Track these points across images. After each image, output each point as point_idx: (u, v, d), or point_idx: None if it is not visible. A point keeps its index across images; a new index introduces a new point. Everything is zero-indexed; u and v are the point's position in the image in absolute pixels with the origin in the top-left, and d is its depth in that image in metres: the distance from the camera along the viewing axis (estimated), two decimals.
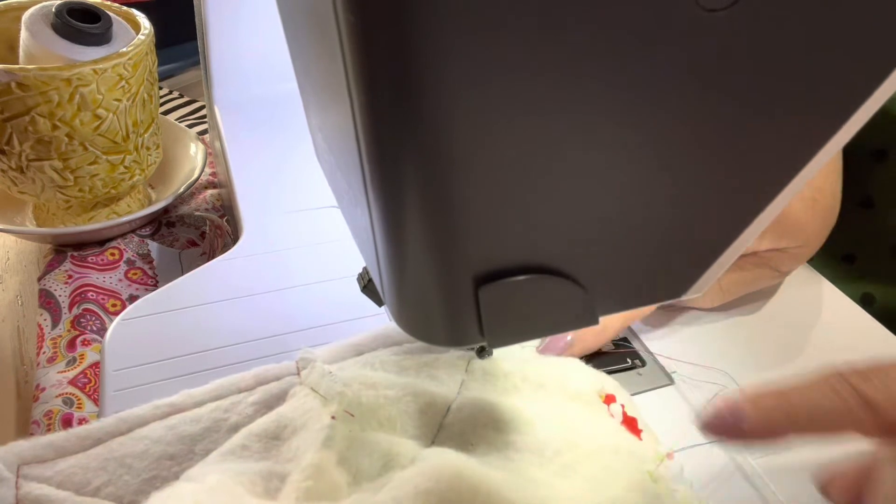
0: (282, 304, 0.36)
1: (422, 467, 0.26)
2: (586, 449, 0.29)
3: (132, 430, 0.28)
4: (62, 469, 0.26)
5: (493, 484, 0.25)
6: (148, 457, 0.27)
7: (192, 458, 0.27)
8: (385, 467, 0.27)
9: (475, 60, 0.14)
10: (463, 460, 0.26)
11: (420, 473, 0.25)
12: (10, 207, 0.53)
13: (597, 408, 0.31)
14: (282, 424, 0.28)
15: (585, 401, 0.31)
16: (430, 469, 0.25)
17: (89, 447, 0.27)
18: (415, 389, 0.29)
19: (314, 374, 0.29)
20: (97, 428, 0.27)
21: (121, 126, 0.47)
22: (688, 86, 0.16)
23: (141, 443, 0.27)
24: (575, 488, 0.27)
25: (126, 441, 0.27)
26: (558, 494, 0.26)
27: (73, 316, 0.44)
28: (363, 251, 0.23)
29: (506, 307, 0.19)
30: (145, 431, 0.28)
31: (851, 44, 0.16)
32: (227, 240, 0.51)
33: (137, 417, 0.28)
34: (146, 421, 0.28)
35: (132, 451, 0.27)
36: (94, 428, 0.27)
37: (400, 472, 0.26)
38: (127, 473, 0.27)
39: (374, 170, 0.16)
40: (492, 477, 0.26)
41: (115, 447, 0.27)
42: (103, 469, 0.26)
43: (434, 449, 0.28)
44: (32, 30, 0.44)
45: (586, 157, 0.16)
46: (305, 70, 0.23)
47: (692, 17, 0.15)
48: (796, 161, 0.18)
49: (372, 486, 0.26)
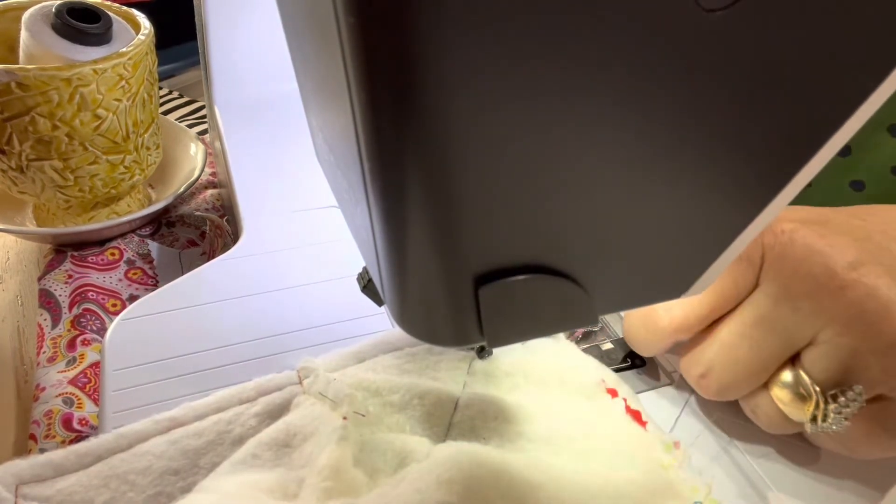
0: (281, 303, 0.36)
1: (440, 458, 0.25)
2: (597, 437, 0.29)
3: (132, 445, 0.27)
4: (62, 488, 0.26)
5: (515, 469, 0.25)
6: (151, 472, 0.27)
7: (197, 473, 0.27)
8: (401, 464, 0.27)
9: (475, 61, 0.14)
10: (480, 448, 0.26)
11: (439, 464, 0.25)
12: (10, 207, 0.53)
13: (601, 400, 0.31)
14: (291, 433, 0.28)
15: (589, 394, 0.31)
16: (448, 459, 0.25)
17: (89, 465, 0.26)
18: (420, 391, 0.29)
19: (319, 382, 0.29)
20: (96, 445, 0.27)
21: (121, 126, 0.47)
22: (687, 86, 0.16)
23: (143, 458, 0.27)
24: (592, 472, 0.27)
25: (128, 457, 0.27)
26: (577, 478, 0.26)
27: (73, 316, 0.44)
28: (363, 251, 0.23)
29: (506, 307, 0.19)
30: (147, 447, 0.27)
31: (851, 44, 0.16)
32: (227, 240, 0.51)
33: (137, 433, 0.28)
34: (147, 436, 0.28)
35: (135, 468, 0.27)
36: (93, 445, 0.27)
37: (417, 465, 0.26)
38: (130, 490, 0.26)
39: (374, 169, 0.16)
40: (512, 462, 0.26)
41: (117, 464, 0.27)
42: (105, 486, 0.26)
43: (449, 443, 0.28)
44: (32, 30, 0.44)
45: (586, 156, 0.17)
46: (305, 70, 0.23)
47: (692, 17, 0.15)
48: (796, 161, 0.18)
49: (391, 481, 0.26)
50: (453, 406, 0.30)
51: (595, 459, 0.28)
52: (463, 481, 0.24)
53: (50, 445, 0.35)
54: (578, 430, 0.29)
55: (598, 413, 0.30)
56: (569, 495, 0.25)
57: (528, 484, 0.25)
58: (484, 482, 0.24)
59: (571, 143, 0.16)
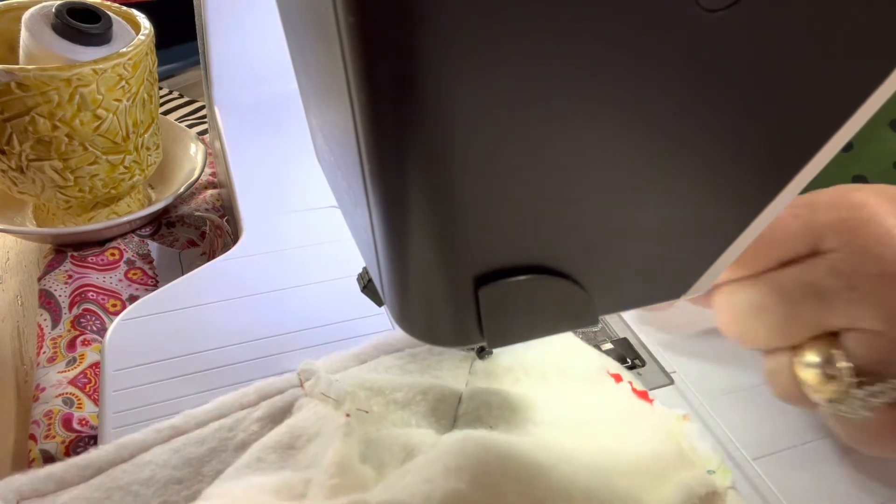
0: (282, 304, 0.36)
1: (446, 445, 0.25)
2: (605, 418, 0.29)
3: (134, 456, 0.27)
4: (65, 502, 0.25)
5: (523, 452, 0.25)
6: (154, 483, 0.26)
7: (201, 481, 0.27)
8: (408, 457, 0.27)
9: (475, 61, 0.14)
10: (487, 434, 0.26)
11: (446, 452, 0.25)
12: (10, 207, 0.53)
13: (605, 384, 0.31)
14: (295, 435, 0.28)
15: (592, 380, 0.31)
16: (455, 446, 0.25)
17: (90, 477, 0.26)
18: (423, 387, 0.29)
19: (321, 383, 0.29)
20: (97, 457, 0.27)
21: (121, 126, 0.47)
22: (687, 86, 0.16)
23: (146, 469, 0.26)
24: (603, 449, 0.27)
25: (130, 468, 0.26)
26: (589, 456, 0.26)
27: (73, 316, 0.44)
28: (363, 251, 0.23)
29: (506, 307, 0.19)
30: (149, 456, 0.27)
31: (851, 43, 0.16)
32: (227, 240, 0.51)
33: (139, 443, 0.27)
34: (148, 445, 0.27)
35: (138, 478, 0.26)
36: (93, 457, 0.27)
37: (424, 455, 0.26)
38: (134, 501, 0.26)
39: (374, 170, 0.16)
40: (519, 445, 0.25)
41: (119, 475, 0.26)
42: (108, 499, 0.26)
43: (454, 431, 0.28)
44: (32, 30, 0.44)
45: (586, 157, 0.16)
46: (305, 70, 0.23)
47: (692, 17, 0.15)
48: (796, 161, 0.18)
49: (398, 473, 0.26)
50: (457, 400, 0.29)
51: (606, 438, 0.28)
52: (471, 468, 0.24)
53: (50, 445, 0.35)
54: (585, 411, 0.29)
55: (604, 396, 0.30)
56: (582, 474, 0.25)
57: (539, 466, 0.24)
58: (492, 467, 0.24)
59: (571, 143, 0.16)
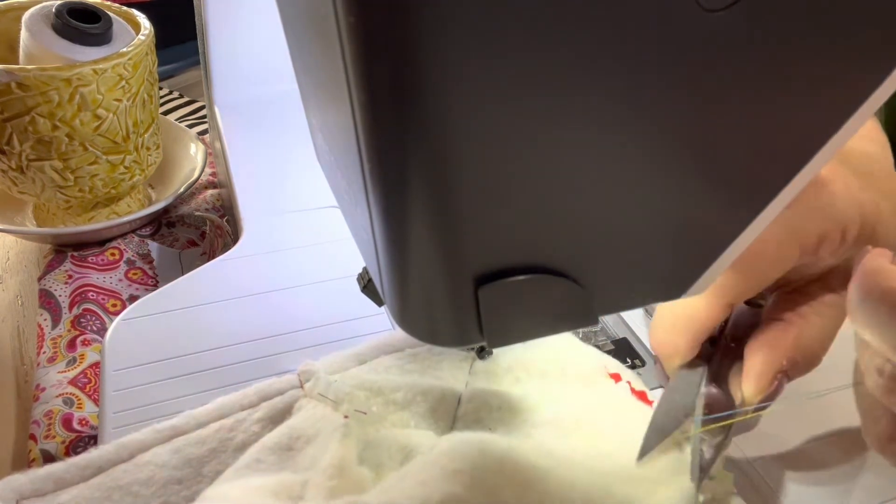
0: (281, 304, 0.36)
1: (443, 448, 0.25)
2: (605, 419, 0.29)
3: (134, 456, 0.27)
4: (64, 501, 0.25)
5: (521, 455, 0.25)
6: (154, 483, 0.26)
7: (201, 481, 0.27)
8: (406, 459, 0.27)
9: (475, 60, 0.14)
10: (485, 436, 0.26)
11: (443, 454, 0.25)
12: (10, 207, 0.53)
13: (604, 384, 0.31)
14: (294, 436, 0.28)
15: (591, 380, 0.31)
16: (452, 449, 0.25)
17: (90, 477, 0.26)
18: (422, 388, 0.29)
19: (320, 384, 0.29)
20: (97, 456, 0.27)
21: (121, 126, 0.47)
22: (687, 85, 0.16)
23: (146, 469, 0.26)
24: (602, 454, 0.27)
25: (130, 468, 0.26)
26: (587, 461, 0.26)
27: (73, 316, 0.44)
28: (363, 251, 0.23)
29: (506, 307, 0.19)
30: (149, 457, 0.27)
31: (851, 43, 0.16)
32: (227, 240, 0.51)
33: (139, 443, 0.27)
34: (148, 446, 0.27)
35: (137, 478, 0.26)
36: (94, 457, 0.27)
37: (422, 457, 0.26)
38: (134, 501, 0.26)
39: (374, 169, 0.16)
40: (517, 449, 0.25)
41: (119, 475, 0.26)
42: (108, 499, 0.26)
43: (453, 433, 0.28)
44: (32, 30, 0.44)
45: (586, 156, 0.16)
46: (305, 70, 0.23)
47: (692, 17, 0.15)
48: (796, 161, 0.18)
49: (396, 474, 0.26)
50: (457, 401, 0.29)
51: (604, 441, 0.28)
52: (469, 471, 0.24)
53: (50, 445, 0.35)
54: (585, 414, 0.29)
55: (603, 396, 0.30)
56: (580, 478, 0.25)
57: (537, 469, 0.24)
58: (490, 470, 0.24)
59: (571, 142, 0.16)
